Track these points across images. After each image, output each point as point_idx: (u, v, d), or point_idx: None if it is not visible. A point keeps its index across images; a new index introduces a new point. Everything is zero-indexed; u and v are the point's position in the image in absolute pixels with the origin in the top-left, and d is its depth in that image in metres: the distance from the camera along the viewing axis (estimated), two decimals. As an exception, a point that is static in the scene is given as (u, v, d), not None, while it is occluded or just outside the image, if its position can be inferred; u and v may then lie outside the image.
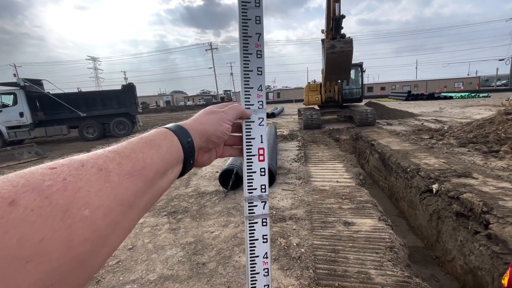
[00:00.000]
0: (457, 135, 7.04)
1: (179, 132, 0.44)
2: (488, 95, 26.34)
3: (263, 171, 0.54)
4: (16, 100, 12.14)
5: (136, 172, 0.33)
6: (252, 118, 0.53)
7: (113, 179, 0.30)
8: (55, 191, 0.24)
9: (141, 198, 0.34)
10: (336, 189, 4.38)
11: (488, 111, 12.66)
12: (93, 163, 0.30)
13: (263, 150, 0.54)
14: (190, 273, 2.57)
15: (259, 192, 0.54)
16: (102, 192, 0.28)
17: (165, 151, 0.40)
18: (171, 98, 59.01)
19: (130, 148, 0.36)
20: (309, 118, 10.82)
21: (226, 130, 0.50)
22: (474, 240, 3.21)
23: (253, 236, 0.53)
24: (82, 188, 0.27)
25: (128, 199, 0.31)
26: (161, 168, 0.38)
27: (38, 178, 0.25)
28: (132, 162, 0.34)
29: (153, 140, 0.39)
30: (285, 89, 51.98)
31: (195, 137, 0.46)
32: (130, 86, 13.88)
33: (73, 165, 0.28)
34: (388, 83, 47.07)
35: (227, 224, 3.46)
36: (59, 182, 0.25)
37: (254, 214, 0.53)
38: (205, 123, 0.49)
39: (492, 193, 3.58)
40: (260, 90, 0.53)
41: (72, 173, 0.27)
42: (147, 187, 0.35)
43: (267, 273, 0.54)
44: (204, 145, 0.49)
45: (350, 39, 9.28)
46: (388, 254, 2.62)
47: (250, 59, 0.52)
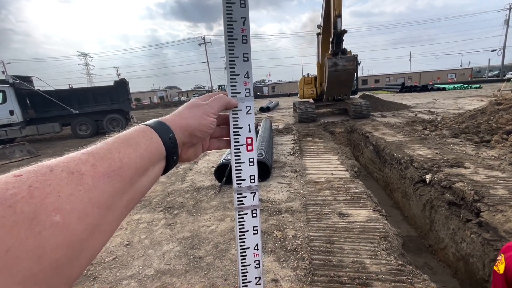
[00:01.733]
0: (449, 126, 7.13)
1: (159, 129, 0.42)
2: (480, 86, 26.65)
3: (252, 161, 0.52)
4: (6, 98, 11.87)
5: (112, 173, 0.32)
6: (239, 107, 0.52)
7: (86, 182, 0.29)
8: (19, 199, 0.23)
9: (120, 199, 0.33)
10: (331, 181, 4.42)
11: (480, 102, 12.83)
12: (63, 167, 0.28)
13: (251, 139, 0.52)
14: (187, 267, 2.58)
15: (248, 183, 0.52)
16: (74, 196, 0.27)
17: (144, 148, 0.38)
18: (165, 93, 58.40)
19: (106, 149, 0.34)
20: (304, 112, 10.83)
21: (210, 123, 0.49)
22: (466, 228, 3.28)
23: (243, 228, 0.52)
24: (51, 193, 0.25)
25: (106, 201, 0.30)
26: (141, 167, 0.37)
27: (1, 187, 0.24)
28: (108, 162, 0.32)
29: (130, 138, 0.38)
30: (280, 83, 51.85)
31: (177, 133, 0.45)
32: (123, 82, 13.67)
33: (40, 171, 0.27)
34: (383, 75, 47.28)
35: (223, 218, 3.48)
36: (24, 189, 0.24)
37: (243, 205, 0.52)
38: (188, 118, 0.47)
39: (483, 182, 3.65)
40: (247, 77, 0.51)
41: (39, 179, 0.26)
42: (126, 187, 0.34)
43: (258, 265, 0.53)
44: (188, 140, 0.47)
45: (353, 57, 9.22)
46: (382, 244, 2.67)
47: (236, 45, 0.49)
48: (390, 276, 2.23)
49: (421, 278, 2.21)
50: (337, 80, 9.70)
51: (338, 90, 10.84)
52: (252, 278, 0.52)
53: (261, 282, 0.53)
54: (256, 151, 0.53)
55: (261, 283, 0.53)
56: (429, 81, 38.31)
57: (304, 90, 12.52)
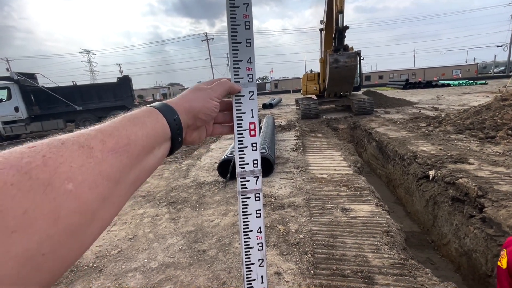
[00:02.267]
0: (454, 122, 7.07)
1: (164, 110, 0.43)
2: (486, 82, 26.31)
3: (255, 146, 0.53)
4: (11, 95, 11.99)
5: (120, 148, 0.33)
6: (242, 92, 0.52)
7: (96, 155, 0.30)
8: (34, 167, 0.24)
9: (128, 174, 0.34)
10: (334, 177, 4.42)
11: (486, 98, 12.68)
12: (73, 141, 0.30)
13: (254, 124, 0.53)
14: (191, 260, 2.62)
15: (251, 167, 0.53)
16: (85, 168, 0.28)
17: (150, 127, 0.39)
18: (167, 90, 58.45)
19: (113, 126, 0.36)
20: (307, 108, 10.80)
21: (213, 107, 0.50)
22: (469, 223, 3.28)
23: (246, 211, 0.53)
24: (63, 163, 0.27)
25: (114, 174, 0.31)
26: (147, 145, 0.38)
27: (16, 156, 0.25)
28: (115, 139, 0.34)
29: (137, 117, 0.39)
30: (283, 80, 51.61)
31: (181, 115, 0.45)
32: (126, 78, 13.73)
33: (52, 143, 0.28)
34: (386, 72, 46.83)
35: (227, 212, 3.50)
36: (38, 158, 0.25)
37: (246, 189, 0.53)
38: (192, 100, 0.48)
39: (488, 177, 3.63)
40: (250, 62, 0.51)
41: (52, 150, 0.27)
42: (133, 163, 0.35)
43: (261, 247, 0.54)
44: (192, 123, 0.48)
45: (354, 54, 9.16)
46: (385, 238, 2.68)
47: (238, 31, 0.50)
48: (392, 270, 2.24)
49: (423, 272, 2.22)
50: (339, 77, 9.64)
51: (339, 87, 10.77)
52: (255, 260, 0.53)
53: (263, 264, 0.54)
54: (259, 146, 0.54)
55: (264, 265, 0.54)
56: (434, 77, 37.90)
57: (307, 87, 12.46)
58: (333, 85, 10.35)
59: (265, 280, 0.54)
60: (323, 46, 11.52)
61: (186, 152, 7.18)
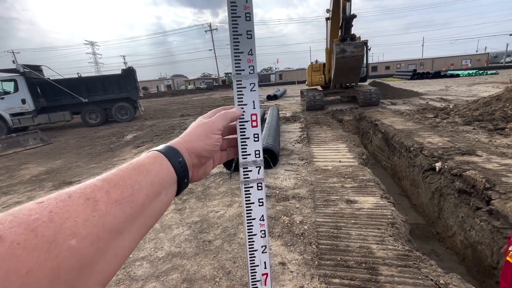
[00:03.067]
0: (462, 113, 6.93)
1: (169, 153, 0.44)
2: (496, 72, 25.59)
3: (257, 137, 0.55)
4: (17, 87, 12.10)
5: (124, 199, 0.34)
6: (243, 84, 0.53)
7: (100, 208, 0.31)
8: (41, 224, 0.26)
9: (132, 223, 0.35)
10: (339, 168, 4.40)
11: (496, 89, 12.37)
12: (80, 193, 0.31)
13: (255, 116, 0.54)
14: (197, 250, 2.66)
15: (253, 157, 0.55)
16: (89, 222, 0.29)
17: (154, 175, 0.40)
18: (171, 82, 58.37)
19: (119, 175, 0.37)
20: (312, 99, 10.68)
21: (215, 141, 0.50)
22: (475, 216, 3.25)
23: (249, 200, 0.55)
24: (69, 218, 0.28)
25: (117, 226, 0.32)
26: (151, 193, 0.39)
27: (25, 213, 0.26)
28: (120, 189, 0.35)
29: (142, 165, 0.40)
30: (288, 71, 50.99)
31: (186, 156, 0.46)
32: (130, 70, 13.70)
33: (60, 197, 0.29)
34: (393, 62, 45.87)
35: (231, 204, 3.54)
36: (45, 214, 0.27)
37: (249, 178, 0.55)
38: (193, 140, 0.48)
39: (496, 170, 3.57)
40: (251, 54, 0.52)
41: (59, 205, 0.28)
42: (138, 212, 0.36)
43: (264, 235, 0.56)
44: (197, 162, 0.49)
45: (362, 43, 8.96)
46: (389, 230, 2.68)
47: (239, 22, 0.51)
48: (397, 261, 2.25)
49: (428, 264, 2.22)
50: (345, 67, 9.48)
51: (345, 78, 10.61)
52: (258, 247, 0.56)
53: (267, 251, 0.56)
54: (263, 138, 0.55)
55: (267, 252, 0.56)
56: (442, 67, 37.01)
57: (312, 78, 12.29)
58: (339, 75, 10.19)
59: (268, 266, 0.56)
60: (329, 35, 11.28)
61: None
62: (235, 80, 0.53)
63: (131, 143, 8.17)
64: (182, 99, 27.27)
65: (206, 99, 23.31)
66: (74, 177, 5.41)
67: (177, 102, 23.82)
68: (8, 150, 9.06)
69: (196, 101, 22.72)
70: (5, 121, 12.20)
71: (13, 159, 7.93)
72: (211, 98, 23.75)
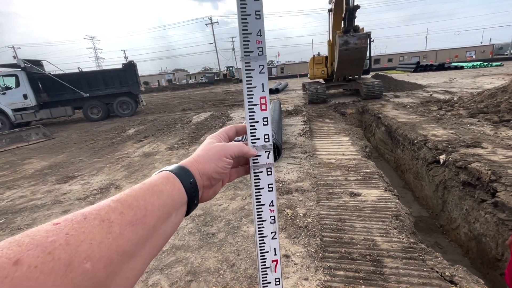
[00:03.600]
0: (467, 105, 6.84)
1: (181, 174, 0.44)
2: (501, 64, 25.21)
3: (266, 121, 0.53)
4: (19, 82, 12.09)
5: (137, 221, 0.34)
6: (252, 66, 0.51)
7: (114, 230, 0.31)
8: (57, 247, 0.26)
9: (143, 246, 0.35)
10: (342, 161, 4.38)
11: (501, 80, 12.19)
12: (95, 214, 0.31)
13: (265, 99, 0.53)
14: (200, 243, 2.67)
15: (262, 142, 0.54)
16: (104, 244, 0.29)
17: (167, 195, 0.40)
18: (172, 76, 58.15)
19: (133, 196, 0.36)
20: (314, 93, 10.59)
21: (226, 165, 0.50)
22: (480, 208, 3.23)
23: (259, 185, 0.54)
24: (85, 241, 0.28)
25: (129, 249, 0.32)
26: (163, 214, 0.39)
27: (42, 235, 0.26)
28: (134, 210, 0.35)
29: (155, 185, 0.40)
30: (289, 64, 50.56)
31: (197, 177, 0.46)
32: (131, 64, 13.62)
33: (76, 219, 0.30)
34: (396, 55, 45.31)
35: (235, 197, 3.53)
36: (62, 237, 0.27)
37: (258, 163, 0.54)
38: (205, 162, 0.48)
39: (501, 162, 3.53)
40: (259, 35, 0.50)
41: (75, 227, 0.29)
42: (149, 234, 0.36)
43: (273, 221, 0.55)
44: (207, 183, 0.49)
45: (366, 35, 8.80)
46: (394, 222, 2.67)
47: (247, 2, 0.49)
48: (401, 253, 2.24)
49: (433, 256, 2.21)
50: (348, 60, 9.36)
51: (349, 70, 10.49)
52: (268, 233, 0.55)
53: (276, 237, 0.56)
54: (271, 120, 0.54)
55: (277, 237, 0.56)
56: (446, 59, 36.51)
57: (314, 70, 12.16)
58: (342, 68, 10.07)
59: (278, 252, 0.56)
60: (331, 27, 11.11)
61: (192, 137, 7.20)
62: (243, 62, 0.51)
63: (133, 138, 8.17)
64: (184, 94, 27.18)
65: (207, 93, 23.21)
66: (77, 171, 5.43)
67: (178, 96, 23.74)
68: (11, 145, 9.10)
69: (197, 95, 22.63)
70: (8, 117, 12.24)
71: (16, 154, 7.97)
72: (212, 92, 23.63)
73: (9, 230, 3.34)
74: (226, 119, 9.32)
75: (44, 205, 3.98)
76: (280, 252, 0.57)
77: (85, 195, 4.20)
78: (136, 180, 4.59)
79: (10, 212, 3.88)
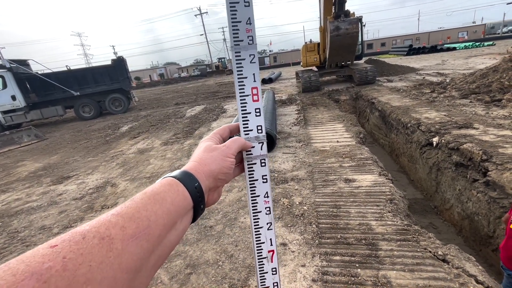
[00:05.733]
0: (459, 86, 6.87)
1: (184, 179, 0.43)
2: (493, 43, 25.22)
3: (258, 112, 0.53)
4: (5, 83, 11.78)
5: (140, 233, 0.33)
6: (242, 56, 0.50)
7: (116, 247, 0.30)
8: (54, 274, 0.24)
9: (149, 259, 0.34)
10: (337, 148, 4.40)
11: (493, 60, 12.22)
12: (94, 232, 0.29)
13: (256, 89, 0.52)
14: (198, 236, 2.69)
15: (255, 133, 0.53)
16: (105, 264, 0.28)
17: (170, 202, 0.38)
18: (164, 70, 57.21)
19: (134, 207, 0.35)
20: (308, 81, 10.52)
21: (230, 164, 0.50)
22: (472, 188, 3.29)
23: (253, 177, 0.54)
24: (83, 263, 0.26)
25: (134, 264, 0.31)
26: (168, 222, 0.37)
27: (38, 261, 0.25)
28: (136, 222, 0.33)
29: (157, 193, 0.38)
30: (282, 53, 49.95)
31: (202, 180, 0.45)
32: (120, 60, 13.32)
33: (74, 239, 0.28)
34: (389, 38, 44.96)
35: (231, 189, 3.55)
36: (59, 262, 0.25)
37: (252, 155, 0.54)
38: (210, 163, 0.47)
39: (493, 141, 3.58)
40: (249, 23, 0.49)
41: (73, 249, 0.27)
42: (154, 245, 0.34)
43: (268, 212, 0.55)
44: (214, 185, 0.48)
45: (356, 19, 8.68)
46: (388, 206, 2.71)
47: None
48: (396, 235, 2.29)
49: (426, 236, 2.26)
50: (340, 45, 9.27)
51: (341, 56, 10.41)
52: (263, 224, 0.55)
53: (272, 227, 0.56)
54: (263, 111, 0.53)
55: (272, 228, 0.56)
56: (439, 41, 36.39)
57: (307, 58, 12.04)
58: (334, 54, 9.99)
59: (274, 243, 0.56)
60: (322, 13, 10.93)
61: (187, 132, 7.15)
62: (233, 51, 0.50)
63: (127, 135, 8.09)
64: (176, 87, 26.82)
65: (200, 86, 22.93)
66: (72, 171, 5.39)
67: (171, 90, 23.42)
68: (3, 148, 8.96)
69: (190, 88, 22.36)
70: (-3, 119, 12.00)
71: (9, 157, 7.86)
72: (206, 85, 23.36)
73: (6, 234, 3.33)
74: (220, 112, 9.25)
75: (40, 207, 3.96)
76: (277, 242, 0.57)
77: (81, 194, 4.18)
78: (132, 177, 4.57)
79: (6, 215, 3.86)
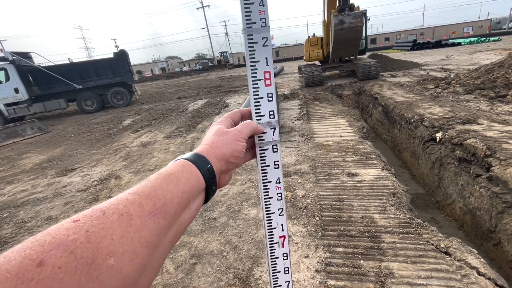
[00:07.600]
0: (463, 82, 6.82)
1: (197, 161, 0.44)
2: (499, 39, 24.90)
3: (271, 97, 0.52)
4: (8, 76, 11.79)
5: (157, 211, 0.34)
6: (255, 39, 0.49)
7: (135, 223, 0.31)
8: (79, 245, 0.26)
9: (166, 235, 0.35)
10: (340, 143, 4.41)
11: (498, 56, 12.09)
12: (114, 209, 0.31)
13: (269, 74, 0.51)
14: (203, 228, 2.73)
15: (267, 118, 0.53)
16: (125, 238, 0.29)
17: (184, 183, 0.40)
18: (166, 64, 56.99)
19: (150, 186, 0.36)
20: (310, 75, 10.47)
21: (242, 148, 0.50)
22: (475, 183, 3.30)
23: (265, 163, 0.54)
24: (105, 237, 0.28)
25: (153, 239, 0.32)
26: (183, 201, 0.38)
27: (63, 233, 0.26)
28: (153, 200, 0.34)
29: (171, 174, 0.40)
30: (284, 47, 49.53)
31: (214, 162, 0.46)
32: (122, 53, 13.27)
33: (94, 214, 0.30)
34: (392, 33, 44.42)
35: (234, 182, 3.57)
36: (82, 234, 0.27)
37: (264, 141, 0.53)
38: (221, 146, 0.48)
39: (497, 137, 3.57)
40: (262, 5, 0.48)
41: (94, 223, 0.28)
42: (171, 223, 0.36)
43: (280, 197, 0.55)
44: (225, 168, 0.49)
45: (360, 13, 8.55)
46: (391, 200, 2.73)
47: None
48: (398, 228, 2.31)
49: (428, 229, 2.28)
50: (344, 40, 9.18)
51: (344, 51, 10.32)
52: (275, 210, 0.56)
53: (283, 213, 0.56)
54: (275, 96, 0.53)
55: (284, 214, 0.56)
56: (444, 36, 35.93)
57: (310, 52, 11.95)
58: (338, 49, 9.91)
59: (285, 228, 0.57)
60: (326, 6, 10.81)
61: (189, 125, 7.17)
62: (245, 34, 0.49)
63: (130, 128, 8.12)
64: (178, 81, 26.75)
65: (202, 80, 22.86)
66: (76, 163, 5.43)
67: (173, 84, 23.37)
68: (7, 140, 9.03)
69: (192, 82, 22.29)
70: (1, 112, 12.04)
71: (13, 149, 7.92)
72: (207, 79, 23.28)
73: (13, 224, 3.38)
74: (222, 106, 9.24)
75: (46, 198, 4.01)
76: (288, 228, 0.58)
77: (86, 186, 4.23)
78: (135, 169, 4.61)
79: (12, 206, 3.92)
